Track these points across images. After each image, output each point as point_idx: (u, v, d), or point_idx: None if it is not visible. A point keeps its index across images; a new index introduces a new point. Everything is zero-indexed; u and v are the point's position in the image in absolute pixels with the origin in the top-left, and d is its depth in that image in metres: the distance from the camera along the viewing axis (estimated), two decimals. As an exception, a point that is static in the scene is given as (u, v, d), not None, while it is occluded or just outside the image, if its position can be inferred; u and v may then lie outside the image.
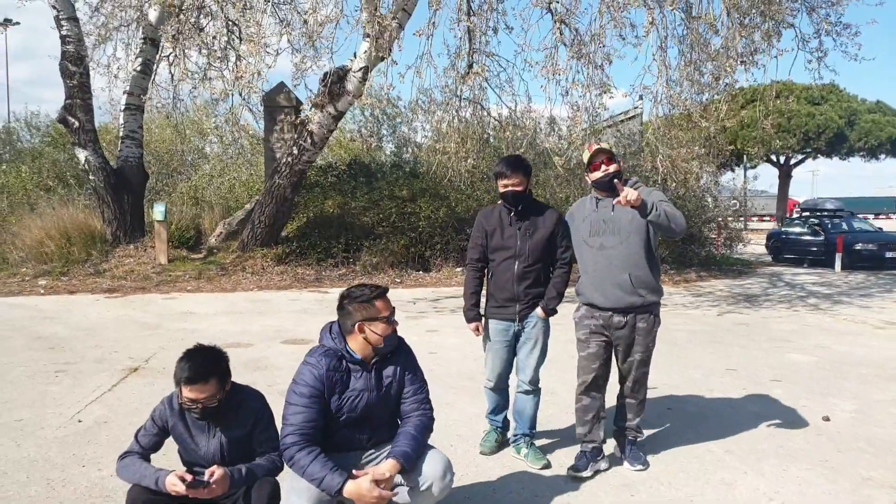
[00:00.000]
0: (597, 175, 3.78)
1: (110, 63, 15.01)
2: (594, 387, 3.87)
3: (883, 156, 36.69)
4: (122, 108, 14.37)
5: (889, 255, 16.79)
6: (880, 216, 54.40)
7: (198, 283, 11.86)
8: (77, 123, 13.30)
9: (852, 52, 10.89)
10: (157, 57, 14.65)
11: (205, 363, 2.73)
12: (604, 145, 3.81)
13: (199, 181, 19.08)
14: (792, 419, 4.92)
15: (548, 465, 3.92)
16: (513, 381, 4.11)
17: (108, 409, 4.98)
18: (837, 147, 35.46)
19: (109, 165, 13.81)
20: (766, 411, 5.12)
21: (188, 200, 17.37)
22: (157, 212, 12.99)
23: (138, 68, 14.14)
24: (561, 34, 9.26)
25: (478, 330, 4.06)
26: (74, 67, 13.17)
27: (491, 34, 10.00)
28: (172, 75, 15.84)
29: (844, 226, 18.70)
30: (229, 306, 9.97)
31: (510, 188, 3.88)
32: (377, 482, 2.62)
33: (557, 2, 9.51)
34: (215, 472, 2.65)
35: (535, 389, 4.04)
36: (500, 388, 4.12)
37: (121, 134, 14.43)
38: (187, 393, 2.70)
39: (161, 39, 14.45)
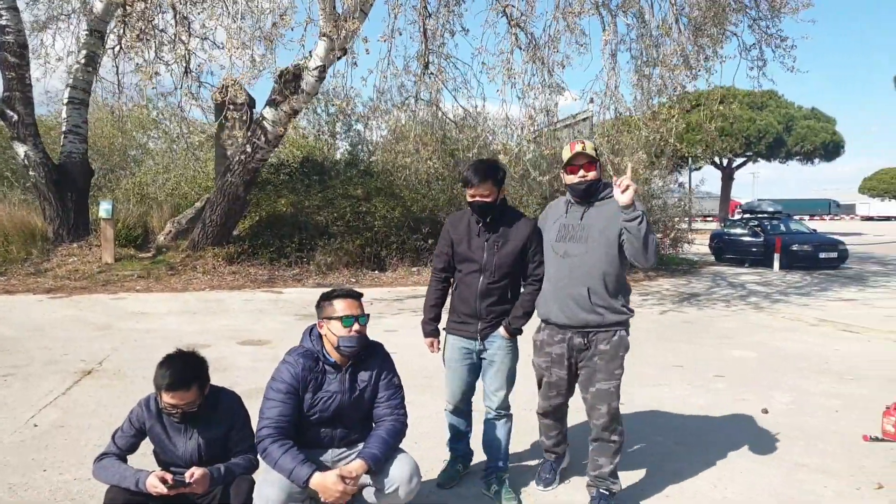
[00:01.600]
0: (572, 179, 3.42)
1: (51, 54, 14.67)
2: (555, 413, 3.67)
3: (817, 160, 38.26)
4: (65, 101, 13.97)
5: (823, 255, 17.61)
6: (815, 217, 56.77)
7: (147, 283, 11.63)
8: (16, 117, 12.86)
9: (788, 63, 11.52)
10: (103, 50, 14.30)
11: (185, 369, 2.78)
12: (588, 148, 3.38)
13: (143, 177, 18.66)
14: (735, 412, 5.20)
15: None
16: (479, 405, 3.75)
17: (64, 412, 4.91)
18: (776, 151, 36.83)
19: (51, 161, 13.39)
20: (712, 405, 5.39)
21: (133, 197, 16.99)
22: (103, 209, 12.66)
23: (82, 61, 13.75)
24: (517, 39, 9.47)
25: (433, 346, 3.72)
26: (14, 59, 12.73)
27: (447, 36, 10.12)
28: (118, 68, 15.53)
29: (782, 227, 19.50)
30: (182, 306, 9.84)
31: (477, 199, 3.44)
32: (343, 478, 2.72)
33: (513, 6, 9.70)
34: (195, 473, 2.71)
35: (504, 416, 3.66)
36: (461, 411, 3.75)
37: (63, 128, 14.00)
38: (168, 399, 2.75)
39: (107, 32, 14.13)
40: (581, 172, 3.38)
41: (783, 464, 4.13)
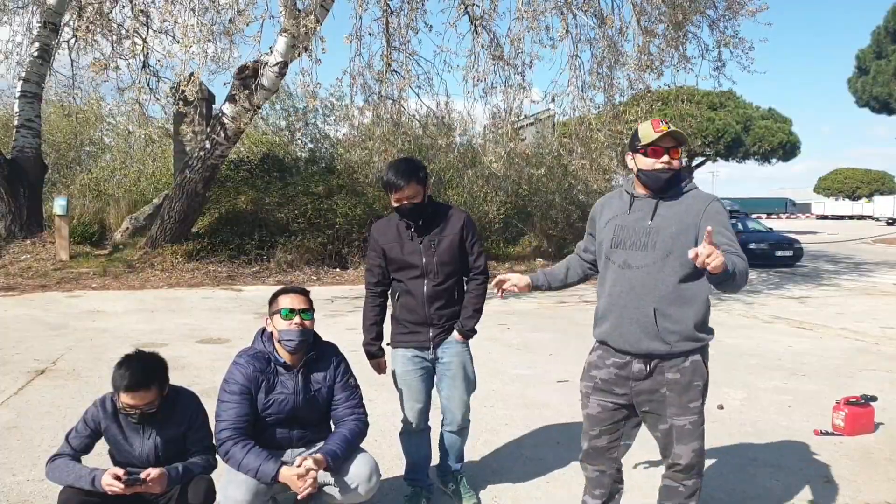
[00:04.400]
0: (653, 165, 2.65)
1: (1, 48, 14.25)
2: (596, 458, 2.90)
3: (774, 160, 39.16)
4: (18, 95, 13.61)
5: (779, 254, 18.04)
6: (772, 216, 58.17)
7: (103, 281, 11.40)
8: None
9: (746, 64, 11.81)
10: (57, 42, 13.96)
11: (145, 370, 2.73)
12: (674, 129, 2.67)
13: (100, 173, 18.25)
14: (690, 408, 5.29)
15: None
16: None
17: (17, 413, 4.79)
18: (734, 151, 37.58)
19: (2, 156, 13.05)
20: (668, 401, 5.48)
21: (90, 193, 16.61)
22: (58, 206, 12.37)
23: (35, 54, 13.42)
24: (479, 37, 9.50)
25: (380, 367, 3.45)
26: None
27: (411, 34, 10.12)
28: (73, 62, 15.18)
29: (739, 226, 19.92)
30: (139, 304, 9.66)
31: (405, 202, 3.21)
32: (307, 467, 2.72)
33: (476, 5, 9.73)
34: (151, 472, 2.67)
35: (464, 427, 3.52)
36: (419, 430, 3.46)
37: (16, 123, 13.65)
38: (127, 399, 2.69)
39: (61, 24, 13.79)
40: (666, 158, 2.65)
41: (736, 459, 4.23)
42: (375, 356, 3.44)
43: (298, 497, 2.73)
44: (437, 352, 3.36)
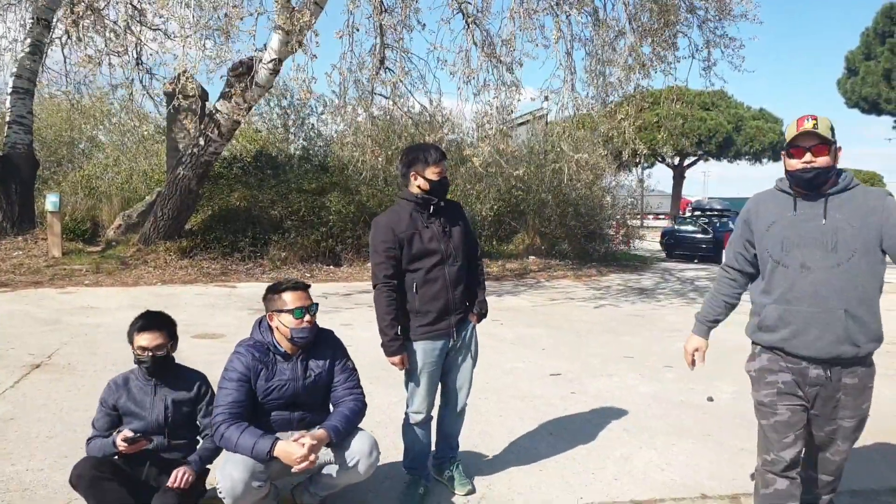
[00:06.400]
0: (795, 165, 2.66)
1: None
2: (791, 468, 2.77)
3: (766, 160, 39.42)
4: (10, 91, 13.58)
5: (767, 251, 18.19)
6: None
7: (96, 277, 11.38)
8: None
9: (736, 63, 11.91)
10: (49, 38, 13.93)
11: (157, 317, 3.07)
12: (821, 126, 2.62)
13: (92, 170, 18.19)
14: (681, 400, 5.39)
15: (472, 491, 3.54)
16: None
17: (14, 405, 4.81)
18: (726, 150, 37.85)
19: (-6, 152, 13.04)
20: (659, 393, 5.57)
21: (81, 190, 16.56)
22: (50, 202, 12.32)
23: (27, 49, 13.38)
24: (472, 36, 9.56)
25: (402, 363, 3.31)
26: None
27: (404, 32, 10.15)
28: (66, 58, 15.14)
29: (730, 224, 20.12)
30: (132, 301, 9.65)
31: (443, 175, 3.31)
32: (306, 443, 2.79)
33: (469, 2, 9.79)
34: (181, 471, 2.92)
35: (464, 408, 3.60)
36: (427, 421, 3.48)
37: (8, 119, 13.62)
38: (140, 341, 2.97)
39: (53, 20, 13.76)
40: (807, 157, 2.62)
41: (727, 448, 4.31)
42: (398, 352, 3.29)
43: (293, 471, 2.79)
44: (457, 337, 3.42)
